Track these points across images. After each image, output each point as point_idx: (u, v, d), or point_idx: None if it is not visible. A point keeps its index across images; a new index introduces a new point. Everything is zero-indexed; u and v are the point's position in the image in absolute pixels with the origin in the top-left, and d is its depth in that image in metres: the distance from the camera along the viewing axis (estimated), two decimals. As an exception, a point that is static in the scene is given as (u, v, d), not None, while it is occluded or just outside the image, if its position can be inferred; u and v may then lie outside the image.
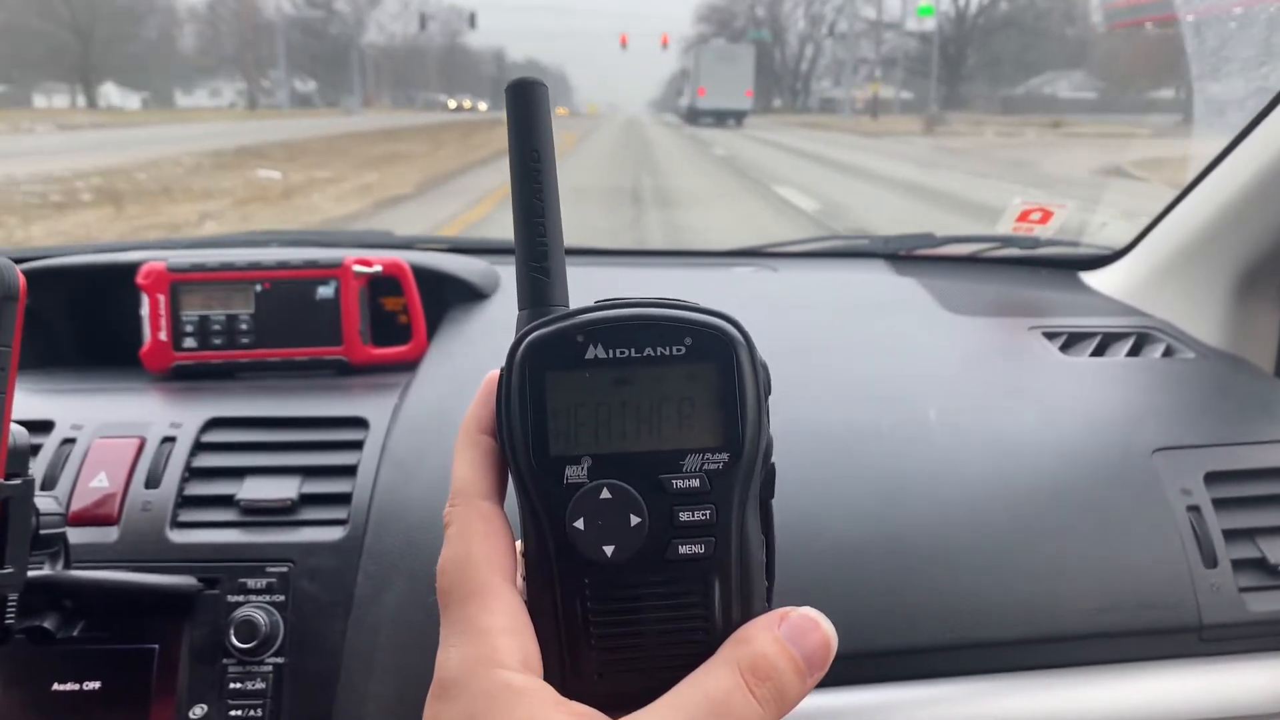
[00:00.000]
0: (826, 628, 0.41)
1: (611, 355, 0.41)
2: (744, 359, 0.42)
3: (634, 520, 0.40)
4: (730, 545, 0.41)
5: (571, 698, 0.40)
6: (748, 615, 0.42)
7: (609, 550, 0.40)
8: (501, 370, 0.43)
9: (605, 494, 0.40)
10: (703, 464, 0.41)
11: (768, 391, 0.43)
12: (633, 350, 0.41)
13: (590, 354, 0.41)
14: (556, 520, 0.40)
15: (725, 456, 0.41)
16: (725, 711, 0.38)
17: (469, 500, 0.43)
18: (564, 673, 0.41)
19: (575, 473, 0.41)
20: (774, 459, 0.44)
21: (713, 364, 0.41)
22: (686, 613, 0.41)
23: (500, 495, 0.44)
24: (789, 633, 0.41)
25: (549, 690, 0.39)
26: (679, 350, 0.41)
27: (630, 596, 0.41)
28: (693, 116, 45.01)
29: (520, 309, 0.45)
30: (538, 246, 0.44)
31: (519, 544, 0.44)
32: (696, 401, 0.41)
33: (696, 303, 0.43)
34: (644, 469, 0.41)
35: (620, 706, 0.39)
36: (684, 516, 0.41)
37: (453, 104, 68.63)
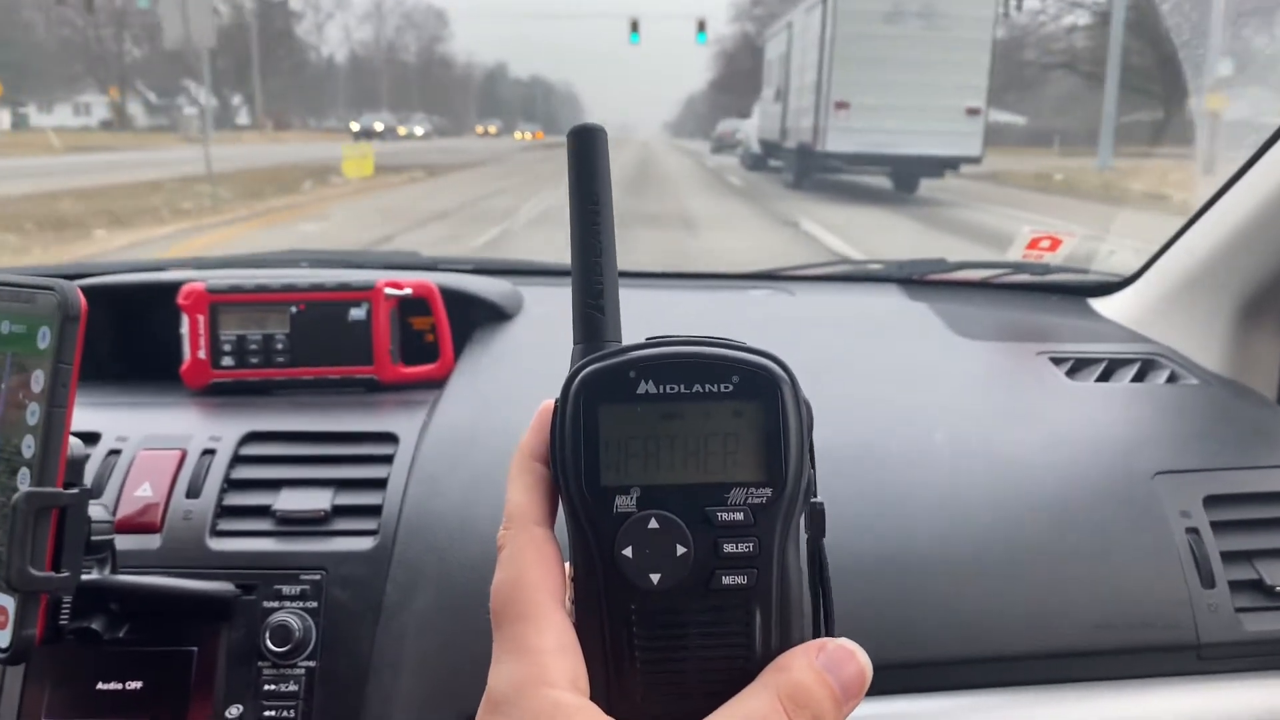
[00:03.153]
0: (863, 659, 0.43)
1: (662, 391, 0.43)
2: (788, 397, 0.43)
3: (680, 550, 0.42)
4: (771, 577, 0.42)
5: (617, 718, 0.41)
6: (786, 644, 0.43)
7: (655, 578, 0.42)
8: (556, 401, 0.44)
9: (653, 524, 0.42)
10: (747, 498, 0.42)
11: (810, 429, 0.44)
12: (682, 386, 0.43)
13: (641, 389, 0.43)
14: (605, 548, 0.42)
15: (769, 491, 0.42)
16: None
17: (523, 525, 0.45)
18: (610, 693, 0.42)
19: (624, 502, 0.42)
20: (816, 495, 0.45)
21: (758, 402, 0.43)
22: (728, 640, 0.42)
23: (551, 520, 0.46)
24: (826, 662, 0.42)
25: (595, 710, 0.41)
26: (726, 388, 0.43)
27: (675, 623, 0.42)
28: (802, 165, 16.37)
29: (575, 343, 0.46)
30: (594, 285, 0.46)
31: (568, 567, 0.45)
32: (742, 437, 0.43)
33: (744, 342, 0.44)
34: (690, 501, 0.42)
35: None
36: (728, 548, 0.42)
37: (356, 126, 42.56)
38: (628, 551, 0.42)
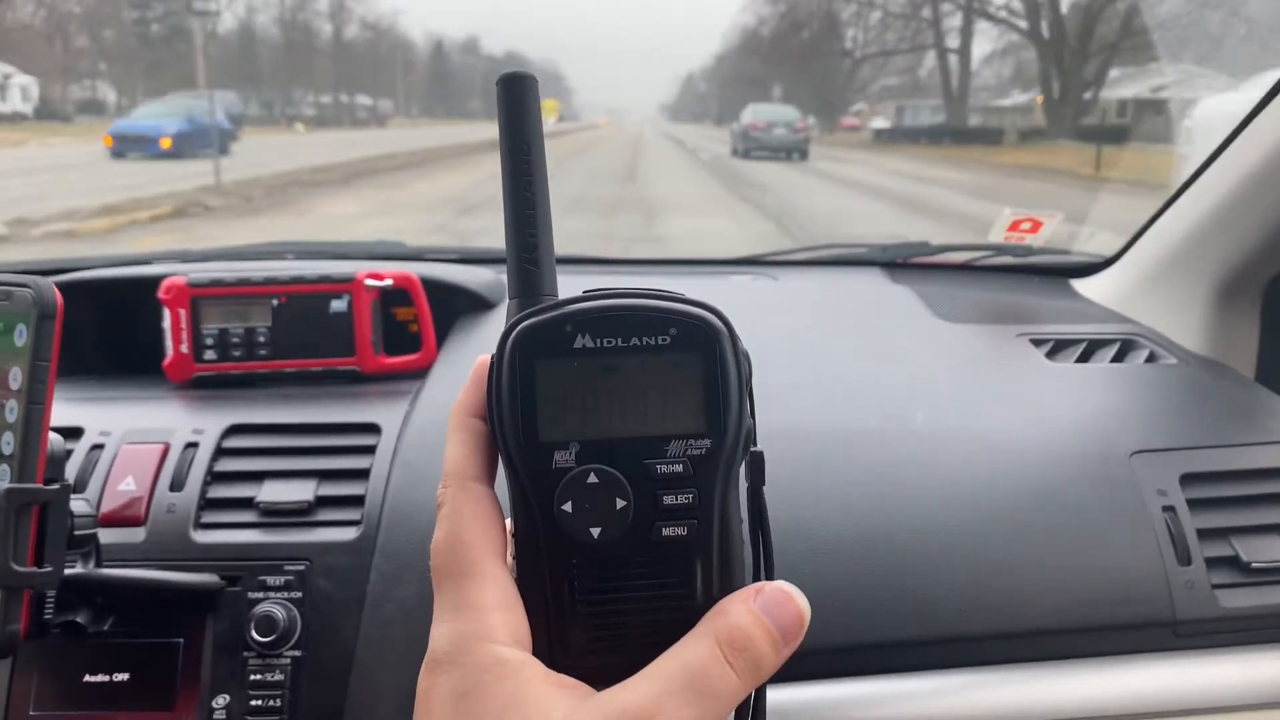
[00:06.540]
0: (800, 600, 0.43)
1: (599, 344, 0.42)
2: (726, 348, 0.43)
3: (620, 504, 0.42)
4: (712, 527, 0.43)
5: (560, 671, 0.42)
6: (727, 592, 0.43)
7: (595, 532, 0.42)
8: (492, 357, 0.44)
9: (592, 478, 0.42)
10: (686, 449, 0.42)
11: (749, 379, 0.44)
12: (619, 340, 0.43)
13: (578, 343, 0.42)
14: (545, 503, 0.42)
15: (707, 443, 0.43)
16: (703, 681, 0.40)
17: (461, 482, 0.45)
18: (552, 648, 0.43)
19: (563, 458, 0.42)
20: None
21: (696, 353, 0.43)
22: (669, 591, 0.43)
23: (491, 477, 0.46)
24: (764, 605, 0.42)
25: (538, 664, 0.41)
26: (664, 340, 0.43)
27: (616, 576, 0.43)
28: None
29: (510, 298, 0.46)
30: (528, 238, 0.46)
31: (509, 523, 0.45)
32: (680, 389, 0.43)
33: (682, 294, 0.44)
34: (629, 454, 0.42)
35: (606, 679, 0.41)
36: (667, 500, 0.42)
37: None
38: (567, 506, 0.42)
